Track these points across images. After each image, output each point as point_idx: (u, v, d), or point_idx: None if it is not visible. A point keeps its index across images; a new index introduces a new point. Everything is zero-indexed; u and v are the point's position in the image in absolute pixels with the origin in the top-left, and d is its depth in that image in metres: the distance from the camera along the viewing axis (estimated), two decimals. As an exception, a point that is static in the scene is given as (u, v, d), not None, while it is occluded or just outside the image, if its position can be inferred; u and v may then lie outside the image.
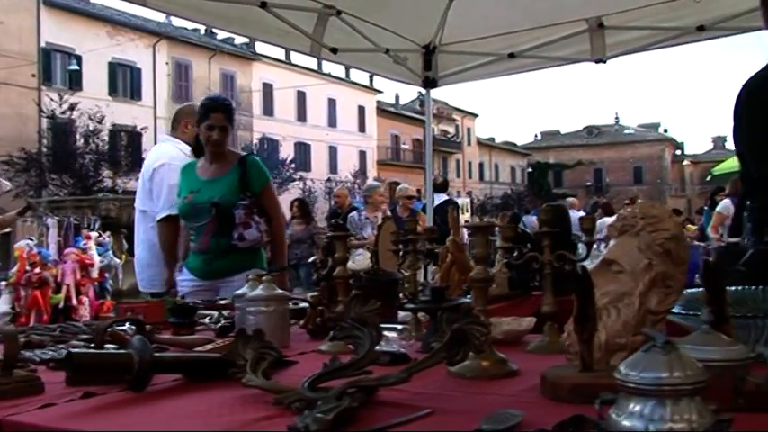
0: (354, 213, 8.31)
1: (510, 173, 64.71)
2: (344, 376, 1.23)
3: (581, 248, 1.84)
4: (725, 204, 9.52)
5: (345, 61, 5.32)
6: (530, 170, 63.95)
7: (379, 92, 47.84)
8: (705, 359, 0.88)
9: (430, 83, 5.52)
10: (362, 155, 46.35)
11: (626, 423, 0.78)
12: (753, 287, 1.79)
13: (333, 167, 43.59)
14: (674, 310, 1.41)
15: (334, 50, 4.56)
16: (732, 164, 14.56)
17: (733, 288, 1.84)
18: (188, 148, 4.19)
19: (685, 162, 66.53)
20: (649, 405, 0.77)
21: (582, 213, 12.35)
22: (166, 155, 4.07)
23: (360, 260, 4.57)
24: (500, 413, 1.04)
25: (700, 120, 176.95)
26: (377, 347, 1.33)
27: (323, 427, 0.98)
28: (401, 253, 2.22)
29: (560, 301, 1.74)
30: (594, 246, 2.01)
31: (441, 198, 10.17)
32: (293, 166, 37.04)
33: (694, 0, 4.47)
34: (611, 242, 1.45)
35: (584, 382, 1.16)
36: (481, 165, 60.64)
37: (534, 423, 1.00)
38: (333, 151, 44.88)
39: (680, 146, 74.28)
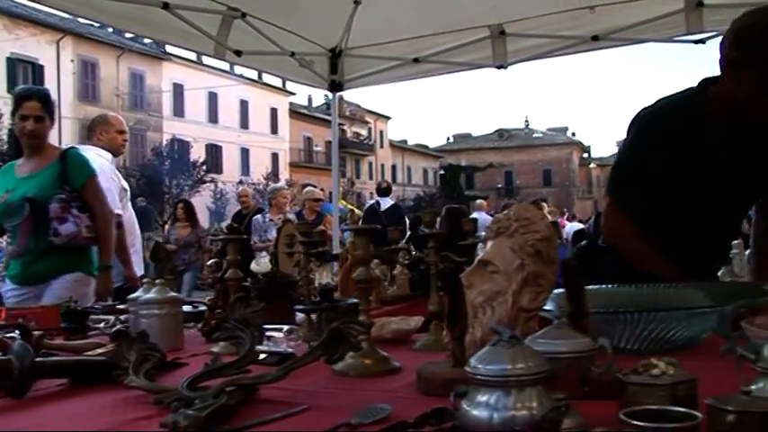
0: (259, 216, 8.28)
1: (422, 175, 65.41)
2: (225, 375, 1.25)
3: (480, 249, 1.91)
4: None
5: (251, 64, 5.29)
6: (442, 172, 64.80)
7: (292, 93, 47.61)
8: (555, 351, 0.95)
9: (336, 86, 5.56)
10: (275, 157, 46.07)
11: (474, 413, 0.83)
12: (629, 286, 1.91)
13: (245, 169, 43.16)
14: (546, 308, 1.49)
15: (238, 53, 4.55)
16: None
17: (609, 286, 1.96)
18: (109, 155, 4.23)
19: (592, 165, 68.62)
20: (495, 395, 0.83)
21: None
22: (95, 163, 4.05)
23: (264, 262, 4.57)
24: (370, 408, 1.09)
25: (605, 124, 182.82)
26: (260, 347, 1.36)
27: (193, 424, 1.00)
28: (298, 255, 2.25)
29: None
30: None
31: (387, 202, 10.33)
32: (204, 168, 36.50)
33: (589, 11, 4.66)
34: (488, 243, 1.51)
35: (455, 377, 1.21)
36: (394, 167, 61.08)
37: (402, 416, 1.05)
38: (245, 153, 44.45)
39: (587, 149, 76.56)
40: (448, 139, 76.72)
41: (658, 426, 0.71)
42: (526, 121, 76.38)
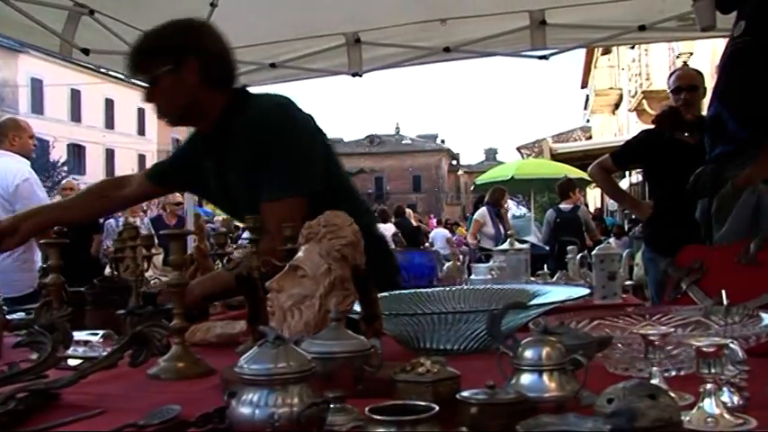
0: (112, 220, 8.05)
1: (294, 179, 64.99)
2: (22, 381, 1.24)
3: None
4: (481, 212, 10.27)
5: (101, 63, 5.14)
6: (314, 177, 64.58)
7: (161, 93, 46.27)
8: (329, 352, 1.01)
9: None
10: (142, 158, 44.66)
11: (240, 410, 0.87)
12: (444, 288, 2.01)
13: (110, 171, 41.62)
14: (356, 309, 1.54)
15: (85, 51, 4.42)
16: (492, 174, 15.69)
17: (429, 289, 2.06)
18: (27, 162, 4.11)
19: (460, 172, 70.44)
20: (260, 393, 0.87)
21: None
22: (24, 170, 3.87)
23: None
24: (162, 409, 1.11)
25: (473, 133, 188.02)
26: (66, 353, 1.35)
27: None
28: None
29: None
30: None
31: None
32: (65, 168, 34.98)
33: (441, 24, 4.83)
34: (301, 249, 1.56)
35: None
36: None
37: (191, 416, 1.07)
38: (110, 154, 42.96)
39: (456, 156, 78.53)
40: (320, 143, 76.54)
41: (396, 419, 0.77)
42: (397, 127, 77.46)
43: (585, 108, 41.07)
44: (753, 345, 1.18)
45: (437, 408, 0.79)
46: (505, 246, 3.77)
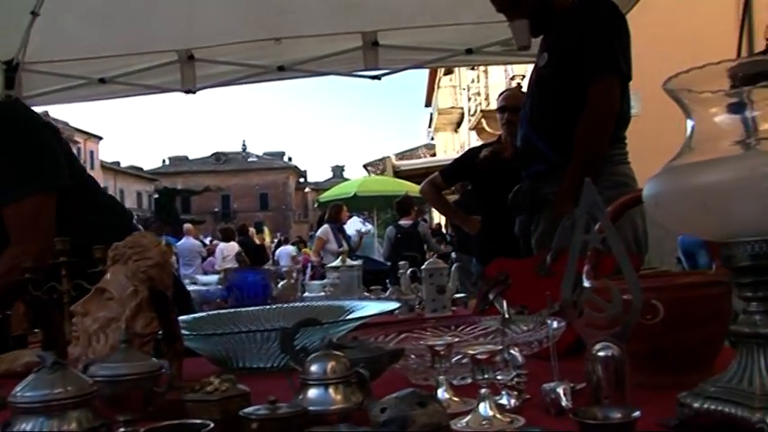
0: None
1: (136, 198, 62.93)
2: None
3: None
4: (324, 230, 10.33)
5: None
6: (156, 196, 62.86)
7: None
8: (116, 374, 0.99)
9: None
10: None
11: (17, 440, 0.85)
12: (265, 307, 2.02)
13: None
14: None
15: None
16: (335, 192, 15.83)
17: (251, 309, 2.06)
18: None
19: (307, 189, 70.54)
20: (35, 421, 0.85)
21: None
22: None
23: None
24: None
25: (321, 150, 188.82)
26: None
27: None
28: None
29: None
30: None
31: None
32: None
33: (275, 42, 4.85)
34: (109, 271, 1.52)
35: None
36: (106, 189, 58.04)
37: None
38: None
39: (303, 174, 78.60)
40: (163, 161, 74.73)
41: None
42: (243, 144, 76.69)
43: (430, 126, 42.21)
44: (537, 350, 1.27)
45: (212, 425, 0.80)
46: (338, 262, 3.81)
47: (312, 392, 0.98)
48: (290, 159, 76.84)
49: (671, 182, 0.86)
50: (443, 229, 14.47)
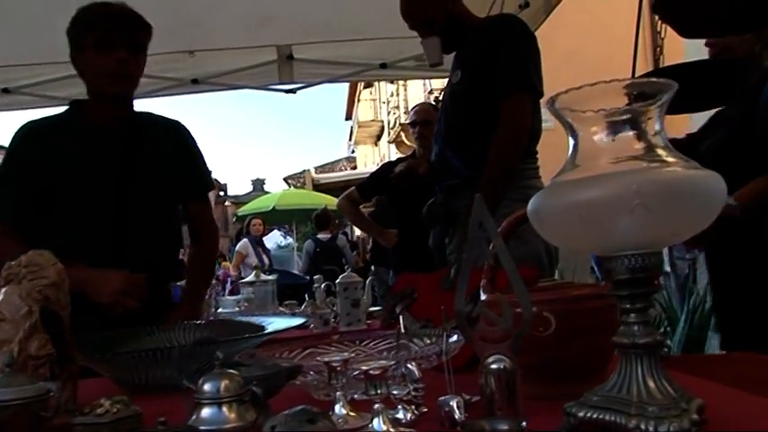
0: None
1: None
2: None
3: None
4: (243, 244, 10.24)
5: None
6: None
7: None
8: (3, 400, 0.96)
9: None
10: None
11: None
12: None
13: None
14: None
15: None
16: (254, 206, 15.69)
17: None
18: None
19: (227, 203, 69.48)
20: None
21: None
22: None
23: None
24: None
25: (241, 163, 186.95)
26: None
27: None
28: None
29: None
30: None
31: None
32: None
33: (189, 55, 4.79)
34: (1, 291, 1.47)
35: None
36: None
37: None
38: None
39: (223, 187, 77.46)
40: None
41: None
42: (162, 157, 75.05)
43: (350, 139, 42.29)
44: (436, 363, 1.29)
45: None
46: (252, 278, 3.79)
47: (206, 411, 0.97)
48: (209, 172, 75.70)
49: (552, 198, 0.89)
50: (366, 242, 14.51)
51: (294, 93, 4.97)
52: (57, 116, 2.52)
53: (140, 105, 2.63)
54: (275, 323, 1.81)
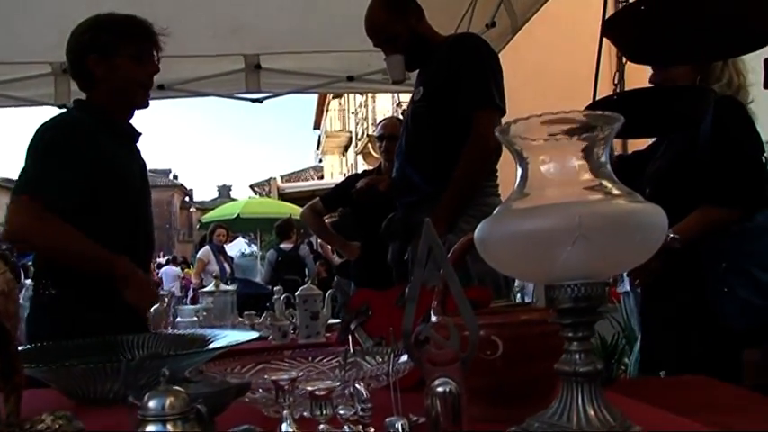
0: None
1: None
2: None
3: None
4: (205, 251, 10.17)
5: None
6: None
7: None
8: (-60, 413, 0.95)
9: None
10: None
11: None
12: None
13: None
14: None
15: None
16: (219, 213, 15.59)
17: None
18: None
19: (193, 209, 69.03)
20: None
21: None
22: None
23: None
24: None
25: (208, 169, 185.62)
26: None
27: None
28: None
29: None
30: None
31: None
32: None
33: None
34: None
35: None
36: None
37: None
38: None
39: (189, 193, 76.90)
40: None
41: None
42: (127, 161, 74.24)
43: (318, 148, 42.27)
44: (385, 383, 1.29)
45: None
46: (212, 287, 3.76)
47: (150, 428, 0.97)
48: (175, 177, 75.10)
49: (498, 227, 0.90)
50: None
51: (260, 102, 4.96)
52: (77, 114, 2.59)
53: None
54: (229, 337, 1.80)
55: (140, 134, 2.71)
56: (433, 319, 1.23)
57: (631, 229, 0.83)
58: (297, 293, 3.36)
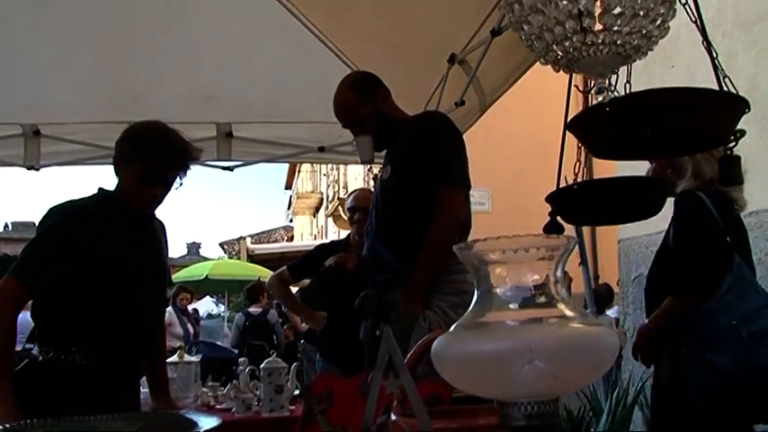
0: None
1: (-28, 265, 58.94)
2: None
3: None
4: (167, 314, 10.03)
5: None
6: (-5, 263, 59.03)
7: None
8: None
9: None
10: None
11: None
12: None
13: None
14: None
15: None
16: (187, 273, 15.39)
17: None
18: None
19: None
20: None
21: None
22: None
23: None
24: None
25: (177, 226, 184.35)
26: None
27: None
28: None
29: None
30: None
31: None
32: None
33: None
34: None
35: None
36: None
37: None
38: None
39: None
40: (6, 226, 70.41)
41: None
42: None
43: (289, 208, 42.23)
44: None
45: None
46: (175, 358, 3.71)
47: None
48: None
49: (453, 346, 0.92)
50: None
51: (231, 170, 4.99)
52: (89, 200, 2.72)
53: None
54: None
55: (153, 217, 2.86)
56: (393, 417, 1.24)
57: (583, 352, 0.86)
58: (262, 366, 3.33)
